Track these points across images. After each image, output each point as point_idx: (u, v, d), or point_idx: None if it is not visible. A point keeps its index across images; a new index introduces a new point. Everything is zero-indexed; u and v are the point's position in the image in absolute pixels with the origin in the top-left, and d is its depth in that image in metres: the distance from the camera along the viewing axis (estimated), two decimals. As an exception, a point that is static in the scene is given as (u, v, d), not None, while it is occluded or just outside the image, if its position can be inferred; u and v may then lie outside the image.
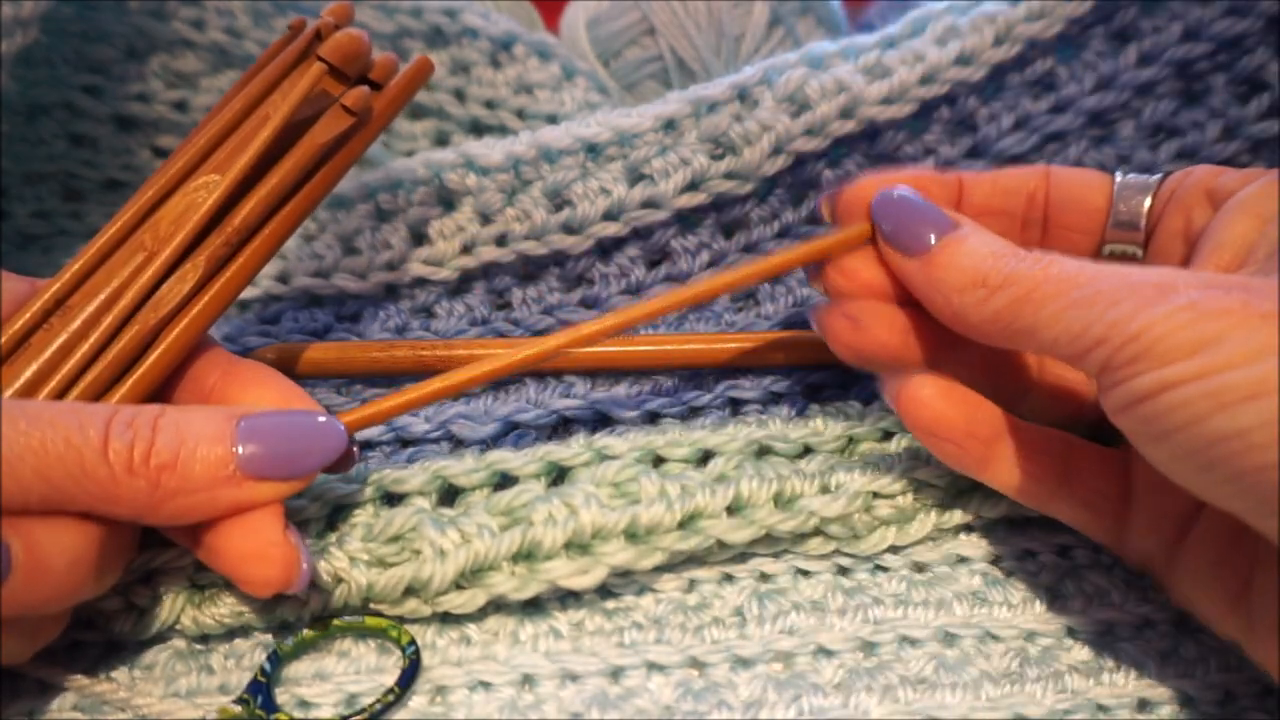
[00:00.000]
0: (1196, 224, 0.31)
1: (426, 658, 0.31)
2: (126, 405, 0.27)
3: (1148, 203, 0.32)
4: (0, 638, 0.26)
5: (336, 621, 0.31)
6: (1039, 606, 0.32)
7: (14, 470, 0.25)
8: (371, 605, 0.31)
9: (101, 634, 0.31)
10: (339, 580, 0.30)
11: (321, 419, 0.28)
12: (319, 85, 0.31)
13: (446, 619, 0.31)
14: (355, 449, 0.30)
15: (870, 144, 0.39)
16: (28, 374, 0.28)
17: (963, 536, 0.34)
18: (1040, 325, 0.27)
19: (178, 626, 0.31)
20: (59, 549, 0.25)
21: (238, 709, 0.29)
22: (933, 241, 0.30)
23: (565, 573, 0.30)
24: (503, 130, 0.46)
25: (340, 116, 0.31)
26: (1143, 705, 0.30)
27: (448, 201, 0.40)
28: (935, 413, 0.30)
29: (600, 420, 0.36)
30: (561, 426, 0.36)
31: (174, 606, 0.30)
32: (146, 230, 0.30)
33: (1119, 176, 0.33)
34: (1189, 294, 0.25)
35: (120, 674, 0.30)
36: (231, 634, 0.31)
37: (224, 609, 0.30)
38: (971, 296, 0.29)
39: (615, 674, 0.30)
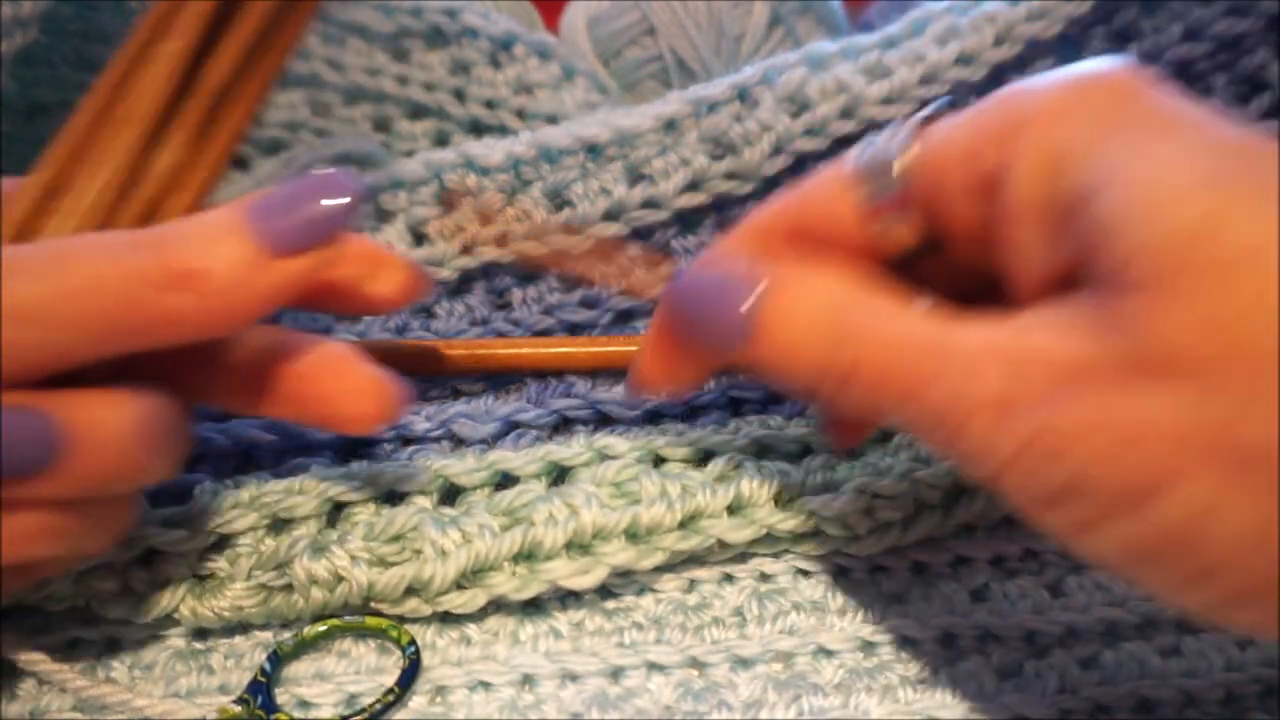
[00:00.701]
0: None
1: (426, 658, 0.31)
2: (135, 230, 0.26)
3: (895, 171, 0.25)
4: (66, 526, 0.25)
5: (336, 621, 0.31)
6: (1039, 606, 0.32)
7: (56, 325, 0.24)
8: (372, 605, 0.31)
9: (100, 629, 0.31)
10: (339, 579, 0.30)
11: (324, 171, 0.27)
12: None
13: (446, 619, 0.31)
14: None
15: (870, 144, 0.39)
16: None
17: (963, 536, 0.34)
18: (905, 423, 0.24)
19: (175, 616, 0.31)
20: (107, 419, 0.25)
21: (238, 709, 0.29)
22: (745, 329, 0.25)
23: (566, 573, 0.30)
24: (503, 130, 0.46)
25: None
26: (1143, 705, 0.30)
27: (448, 202, 0.40)
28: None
29: (601, 420, 0.36)
30: (562, 426, 0.36)
31: (174, 595, 0.30)
32: (119, 105, 0.29)
33: (854, 155, 0.26)
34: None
35: (120, 673, 0.30)
36: (232, 633, 0.31)
37: (224, 602, 0.30)
38: (820, 391, 0.25)
39: (615, 674, 0.30)
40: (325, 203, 0.26)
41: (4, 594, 0.28)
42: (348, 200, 0.26)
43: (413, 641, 0.30)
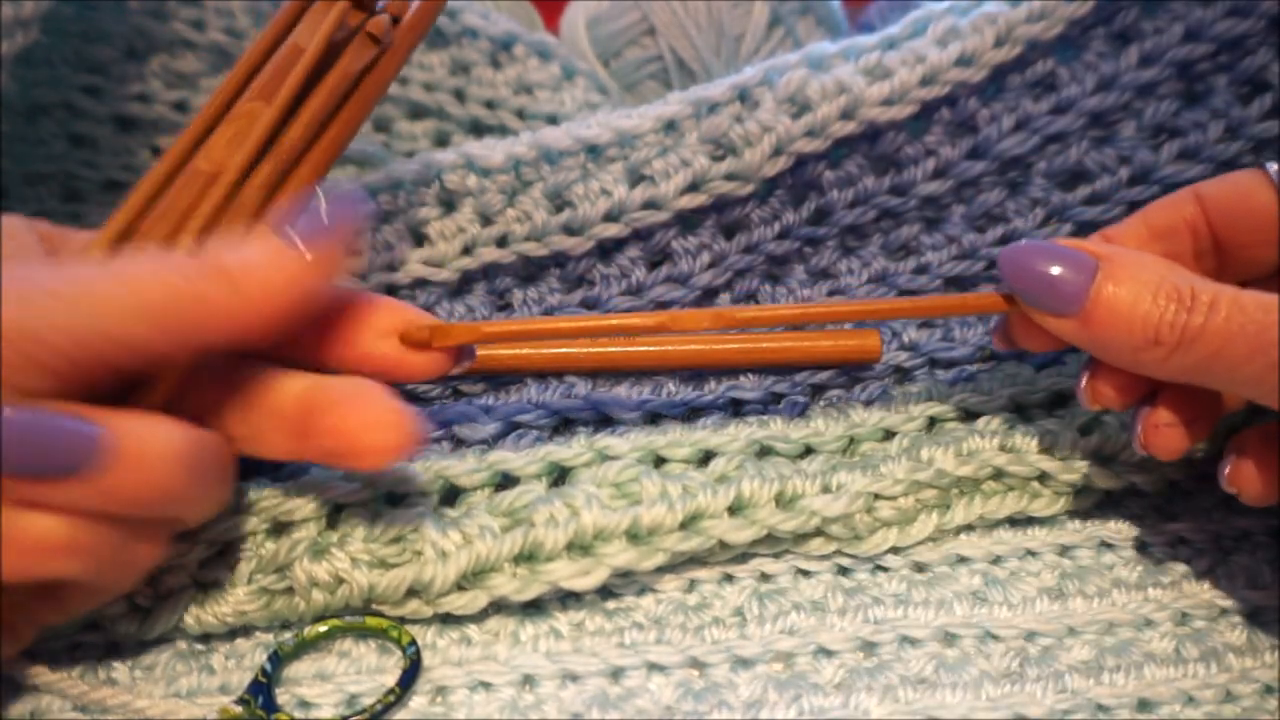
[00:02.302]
0: None
1: (427, 658, 0.31)
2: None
3: None
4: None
5: (337, 621, 0.31)
6: (1039, 606, 0.32)
7: (109, 310, 0.25)
8: (373, 606, 0.31)
9: (104, 635, 0.31)
10: (340, 582, 0.30)
11: (332, 192, 0.29)
12: (343, 16, 0.32)
13: (447, 619, 0.31)
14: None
15: (871, 145, 0.39)
16: None
17: (963, 536, 0.34)
18: (1238, 384, 0.26)
19: (180, 625, 0.31)
20: (153, 438, 0.25)
21: (238, 709, 0.29)
22: (1083, 298, 0.28)
23: (567, 574, 0.30)
24: (503, 130, 0.46)
25: (366, 44, 0.33)
26: (1143, 705, 0.30)
27: (448, 202, 0.40)
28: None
29: (601, 420, 0.36)
30: (563, 426, 0.36)
31: (177, 606, 0.30)
32: (200, 157, 0.31)
33: (1272, 167, 0.30)
34: None
35: (121, 674, 0.30)
36: (232, 634, 0.31)
37: (227, 608, 0.30)
38: (1149, 355, 0.27)
39: (616, 674, 0.30)
40: (337, 202, 0.28)
41: (35, 622, 0.29)
42: (359, 203, 0.29)
43: (413, 642, 0.30)
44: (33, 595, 0.28)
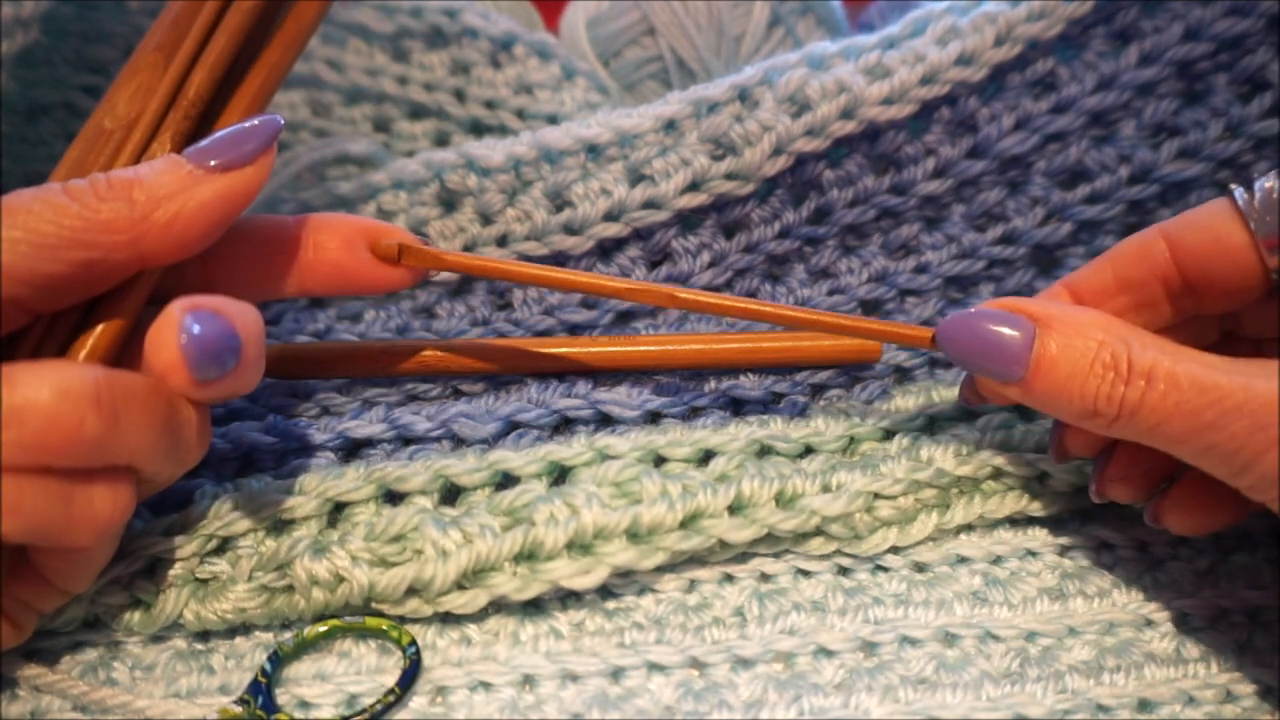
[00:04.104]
0: None
1: (427, 658, 0.31)
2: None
3: None
4: None
5: (337, 621, 0.31)
6: (1039, 606, 0.32)
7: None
8: (373, 605, 0.31)
9: (105, 634, 0.31)
10: (340, 580, 0.30)
11: (253, 120, 0.30)
12: None
13: (447, 619, 0.31)
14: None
15: (871, 144, 0.39)
16: None
17: (963, 536, 0.34)
18: (1182, 456, 0.26)
19: (180, 621, 0.31)
20: (38, 384, 0.25)
21: (238, 709, 0.29)
22: (1023, 365, 0.28)
23: (567, 573, 0.30)
24: (503, 130, 0.46)
25: None
26: (1143, 705, 0.30)
27: (448, 202, 0.40)
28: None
29: (602, 420, 0.36)
30: (563, 426, 0.36)
31: (178, 600, 0.30)
32: (104, 115, 0.31)
33: (1238, 195, 0.28)
34: None
35: (121, 674, 0.30)
36: (232, 633, 0.31)
37: (226, 604, 0.30)
38: (1091, 423, 0.27)
39: (616, 674, 0.30)
40: (252, 133, 0.29)
41: (31, 608, 0.29)
42: (272, 121, 0.29)
43: (413, 642, 0.30)
44: (11, 575, 0.27)
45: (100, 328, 0.29)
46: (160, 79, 0.31)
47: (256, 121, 0.29)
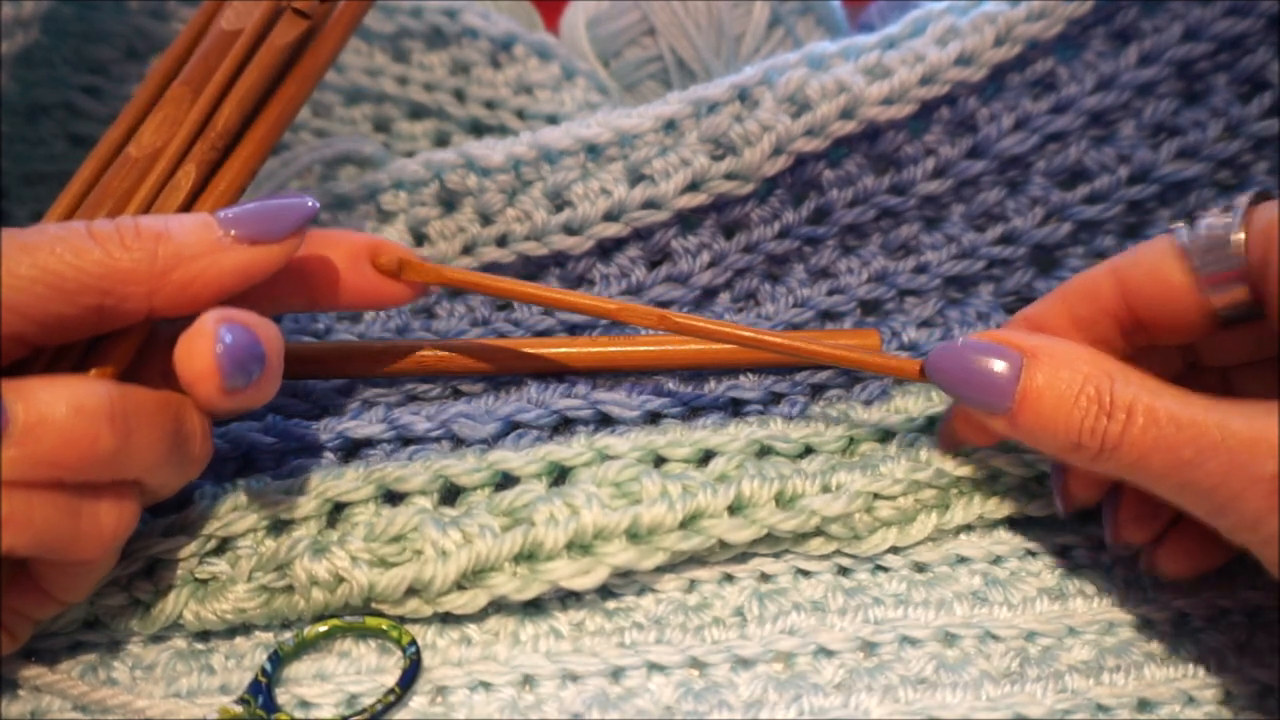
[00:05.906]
0: None
1: (427, 658, 0.31)
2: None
3: (1232, 247, 0.27)
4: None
5: (337, 621, 0.31)
6: (1039, 606, 0.32)
7: (17, 281, 0.26)
8: (373, 605, 0.31)
9: (105, 634, 0.31)
10: (340, 580, 0.30)
11: (288, 196, 0.30)
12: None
13: (447, 619, 0.31)
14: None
15: (871, 144, 0.39)
16: None
17: (963, 536, 0.34)
18: (1164, 494, 0.26)
19: (180, 621, 0.31)
20: (55, 400, 0.25)
21: (238, 709, 0.29)
22: (1010, 396, 0.28)
23: (567, 573, 0.30)
24: (503, 130, 0.46)
25: (293, 20, 0.33)
26: (1143, 705, 0.30)
27: (448, 202, 0.40)
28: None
29: (602, 420, 0.36)
30: (563, 426, 0.36)
31: (177, 601, 0.30)
32: (130, 144, 0.31)
33: (1179, 233, 0.28)
34: None
35: (121, 674, 0.30)
36: (232, 633, 0.31)
37: (226, 604, 0.30)
38: (1075, 457, 0.27)
39: (616, 674, 0.30)
40: (287, 212, 0.29)
41: (27, 616, 0.29)
42: (306, 206, 0.29)
43: (413, 642, 0.30)
44: (10, 586, 0.27)
45: (115, 341, 0.29)
46: (187, 112, 0.31)
47: (293, 201, 0.29)
